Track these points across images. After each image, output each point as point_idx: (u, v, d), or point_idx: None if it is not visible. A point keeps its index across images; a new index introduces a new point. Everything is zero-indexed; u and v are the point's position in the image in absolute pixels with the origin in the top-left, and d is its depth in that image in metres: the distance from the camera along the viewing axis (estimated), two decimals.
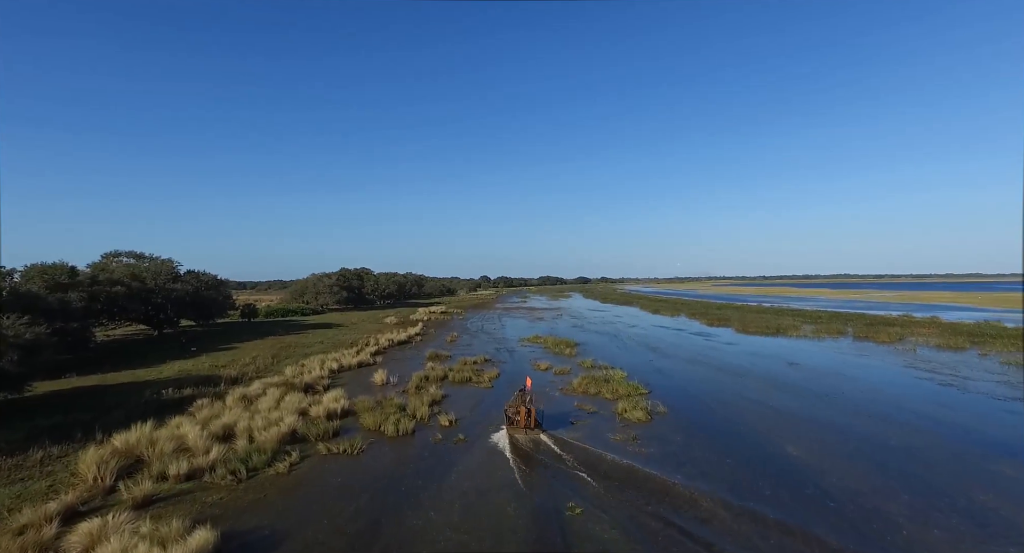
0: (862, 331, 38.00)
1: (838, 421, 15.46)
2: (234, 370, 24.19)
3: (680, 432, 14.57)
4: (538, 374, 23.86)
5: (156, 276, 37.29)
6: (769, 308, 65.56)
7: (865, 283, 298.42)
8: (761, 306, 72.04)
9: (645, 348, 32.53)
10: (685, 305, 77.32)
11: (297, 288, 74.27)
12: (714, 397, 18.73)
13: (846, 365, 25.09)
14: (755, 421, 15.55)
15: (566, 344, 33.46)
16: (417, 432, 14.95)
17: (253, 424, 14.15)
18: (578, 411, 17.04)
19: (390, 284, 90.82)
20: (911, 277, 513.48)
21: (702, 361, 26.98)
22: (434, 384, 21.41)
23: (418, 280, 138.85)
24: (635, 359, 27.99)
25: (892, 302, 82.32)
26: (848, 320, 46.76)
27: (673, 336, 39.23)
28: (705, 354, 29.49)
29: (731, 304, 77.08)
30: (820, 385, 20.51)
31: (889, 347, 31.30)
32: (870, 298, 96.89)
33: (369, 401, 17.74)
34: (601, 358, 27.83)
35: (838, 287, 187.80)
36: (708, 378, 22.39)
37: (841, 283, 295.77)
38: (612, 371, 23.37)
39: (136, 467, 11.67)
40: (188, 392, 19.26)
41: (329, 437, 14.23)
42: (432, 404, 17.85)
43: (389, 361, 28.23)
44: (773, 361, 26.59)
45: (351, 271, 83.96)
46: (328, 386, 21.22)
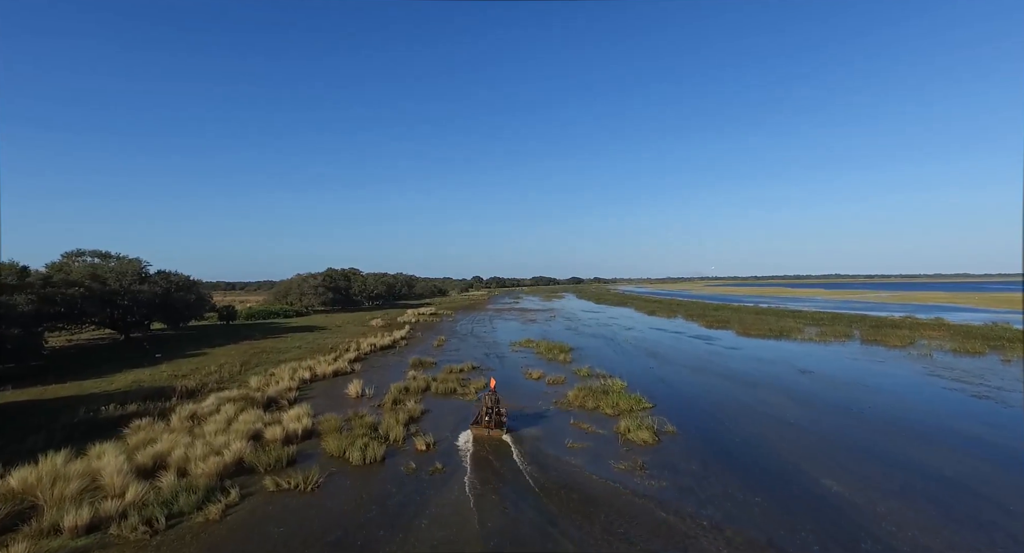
0: (869, 334, 36.33)
1: (874, 444, 13.51)
2: (194, 380, 21.84)
3: (694, 458, 12.53)
4: (530, 384, 21.77)
5: (121, 277, 34.72)
6: (767, 309, 64.02)
7: (857, 283, 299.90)
8: (758, 307, 70.54)
9: (644, 353, 30.56)
10: (681, 306, 75.67)
11: (280, 289, 71.56)
12: (726, 412, 16.73)
13: (863, 373, 23.26)
14: (778, 443, 13.56)
15: (560, 349, 31.40)
16: (388, 459, 12.79)
17: (192, 452, 11.90)
18: (575, 431, 14.96)
19: (379, 285, 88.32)
20: (901, 277, 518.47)
21: (706, 368, 25.03)
22: (414, 397, 19.24)
23: (409, 281, 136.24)
24: (634, 366, 25.99)
25: (889, 303, 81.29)
26: (851, 322, 45.18)
27: (672, 340, 37.34)
28: (708, 360, 27.56)
29: (728, 305, 75.54)
30: (841, 397, 18.60)
31: (902, 351, 29.58)
32: (866, 298, 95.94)
33: (337, 419, 15.54)
34: (598, 365, 25.81)
35: (832, 287, 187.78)
36: (716, 389, 20.42)
37: (834, 283, 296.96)
38: (611, 381, 21.35)
39: (29, 514, 9.40)
40: (132, 409, 16.92)
41: (282, 467, 12.03)
42: (409, 422, 15.70)
43: (368, 369, 26.00)
44: (783, 368, 24.70)
45: (338, 271, 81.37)
46: (295, 400, 18.98)
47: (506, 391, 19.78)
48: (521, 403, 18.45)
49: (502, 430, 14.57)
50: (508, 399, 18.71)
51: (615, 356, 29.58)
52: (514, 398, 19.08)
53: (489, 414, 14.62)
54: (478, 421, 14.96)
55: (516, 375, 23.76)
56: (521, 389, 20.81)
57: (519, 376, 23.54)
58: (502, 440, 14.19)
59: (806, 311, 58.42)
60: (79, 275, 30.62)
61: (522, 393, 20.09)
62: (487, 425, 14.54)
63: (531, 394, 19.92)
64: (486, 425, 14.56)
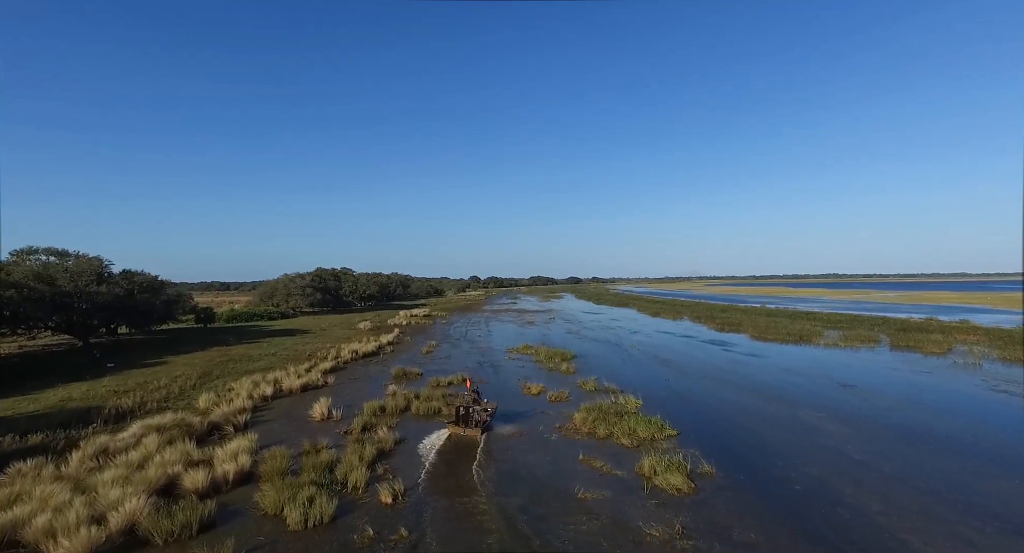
0: (899, 339, 33.26)
1: (980, 494, 10.37)
2: (133, 398, 18.57)
3: (748, 518, 9.38)
4: (528, 402, 18.59)
5: (77, 277, 31.38)
6: (777, 310, 61.00)
7: (856, 283, 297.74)
8: (766, 308, 67.53)
9: (655, 361, 27.42)
10: (685, 307, 72.62)
11: (266, 290, 68.12)
12: (770, 443, 13.59)
13: (914, 388, 20.16)
14: (853, 493, 10.40)
15: (561, 357, 28.24)
16: (340, 518, 9.59)
17: (62, 519, 8.65)
18: (586, 473, 11.78)
19: (371, 285, 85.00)
20: (899, 277, 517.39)
21: (730, 381, 21.91)
22: (390, 420, 16.04)
23: (404, 281, 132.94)
24: (647, 377, 22.85)
25: (900, 303, 78.44)
26: (871, 324, 42.15)
27: (683, 345, 34.22)
28: (730, 370, 24.43)
29: (734, 306, 72.52)
30: (904, 422, 15.48)
31: (943, 359, 26.53)
32: (873, 298, 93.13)
33: (286, 455, 12.33)
34: (605, 376, 22.67)
35: (833, 287, 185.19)
36: (748, 408, 17.27)
37: (833, 283, 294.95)
38: (623, 397, 18.23)
39: None
40: (35, 440, 13.66)
41: (190, 535, 8.84)
42: (377, 459, 12.51)
43: (344, 382, 22.77)
44: (819, 381, 21.59)
45: (327, 271, 78.00)
46: (245, 424, 15.76)
47: (500, 413, 16.61)
48: (519, 427, 15.29)
49: (479, 431, 14.39)
50: (502, 424, 15.57)
51: (623, 365, 26.42)
52: (510, 421, 15.92)
53: (461, 417, 14.67)
54: (456, 421, 14.77)
55: (512, 389, 20.56)
56: (518, 408, 17.63)
57: (516, 391, 20.36)
58: (493, 507, 11.03)
59: (819, 313, 55.40)
60: (21, 275, 27.25)
61: (520, 413, 16.92)
62: (460, 426, 14.58)
63: (530, 415, 16.74)
64: (462, 426, 14.56)
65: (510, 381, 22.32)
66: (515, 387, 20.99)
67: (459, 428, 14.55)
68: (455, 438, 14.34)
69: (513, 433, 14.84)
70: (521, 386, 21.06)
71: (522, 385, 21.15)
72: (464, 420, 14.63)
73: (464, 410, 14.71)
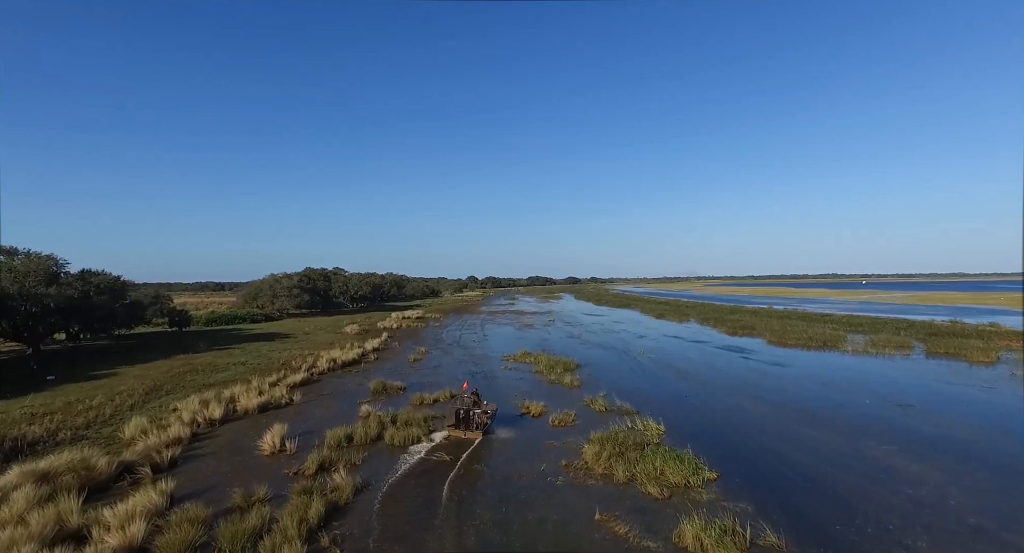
0: (934, 345, 30.21)
1: None
2: (49, 423, 15.35)
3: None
4: (528, 426, 15.46)
5: (23, 278, 28.09)
6: (789, 312, 58.01)
7: (855, 283, 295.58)
8: (774, 309, 64.56)
9: (669, 372, 24.32)
10: (690, 308, 69.59)
11: (250, 291, 64.68)
12: (848, 497, 10.43)
13: (988, 408, 17.08)
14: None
15: (563, 366, 25.14)
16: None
17: None
18: (606, 541, 8.63)
19: (363, 285, 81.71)
20: (897, 277, 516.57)
21: (762, 398, 18.81)
22: (355, 455, 12.89)
23: (398, 281, 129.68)
24: (664, 393, 19.74)
25: (913, 304, 75.59)
26: (897, 328, 39.15)
27: (696, 351, 31.14)
28: (757, 384, 21.35)
29: (740, 307, 69.52)
30: (1004, 460, 12.38)
31: (995, 369, 23.51)
32: (883, 299, 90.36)
33: (199, 518, 9.16)
34: (615, 391, 19.58)
35: (835, 287, 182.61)
36: (795, 438, 14.16)
37: (832, 283, 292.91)
38: (640, 421, 15.17)
39: None
40: None
41: None
42: (323, 523, 9.33)
43: (312, 400, 19.57)
44: (866, 399, 18.50)
45: (316, 271, 74.69)
46: (172, 462, 12.56)
47: (495, 444, 13.50)
48: (518, 467, 12.13)
49: (479, 433, 14.32)
50: (498, 459, 12.42)
51: (634, 377, 23.31)
52: (506, 453, 12.79)
53: (461, 419, 14.46)
54: (456, 424, 14.61)
55: (508, 409, 17.40)
56: (517, 435, 14.53)
57: (513, 411, 17.19)
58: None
59: (834, 315, 52.40)
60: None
61: (518, 443, 13.81)
62: (461, 428, 14.44)
63: (530, 445, 13.61)
64: (463, 430, 14.42)
65: (506, 396, 19.14)
66: (512, 406, 17.82)
67: (459, 431, 14.43)
68: (453, 440, 14.11)
69: (511, 475, 11.68)
70: (519, 405, 17.90)
71: (520, 404, 17.99)
72: (465, 422, 14.42)
73: (464, 412, 14.49)
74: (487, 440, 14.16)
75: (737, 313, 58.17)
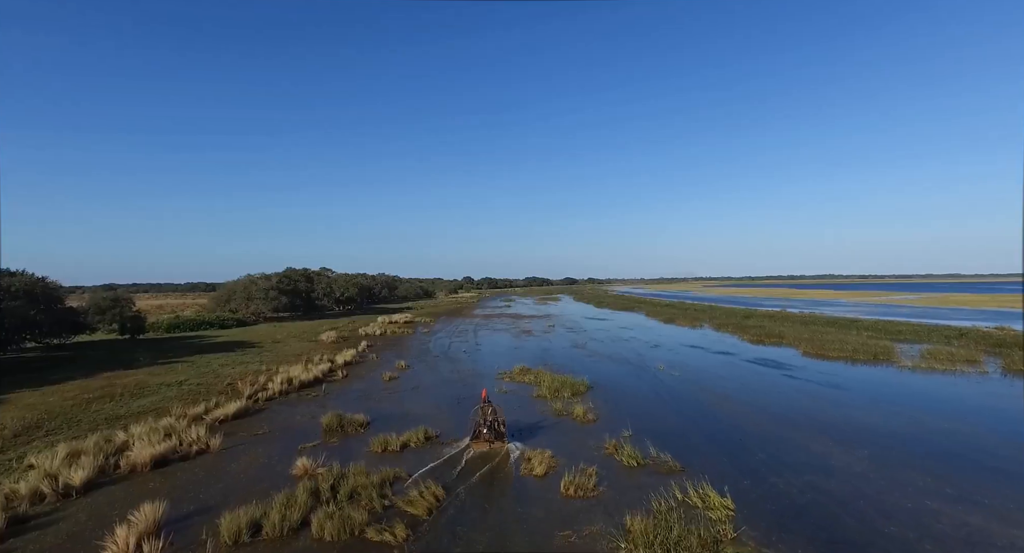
0: (1011, 361, 25.48)
1: None
2: None
3: None
4: (529, 492, 10.52)
5: None
6: (810, 317, 53.39)
7: (854, 284, 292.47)
8: (789, 313, 60.00)
9: (704, 395, 19.51)
10: (700, 311, 64.88)
11: (222, 293, 59.33)
12: None
13: None
14: None
15: (571, 388, 20.33)
16: None
17: None
18: None
19: (349, 287, 76.54)
20: (895, 277, 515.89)
21: (845, 440, 13.98)
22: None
23: (390, 282, 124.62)
24: (708, 431, 14.90)
25: (935, 307, 71.18)
26: (946, 336, 34.50)
27: (725, 366, 26.36)
28: (824, 417, 16.52)
29: (754, 310, 64.82)
30: None
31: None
32: (898, 301, 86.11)
33: None
34: (645, 429, 14.78)
35: (838, 288, 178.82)
36: (958, 529, 9.31)
37: (832, 284, 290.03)
38: (692, 486, 10.38)
39: None
40: None
41: None
42: None
43: (236, 446, 14.54)
44: (994, 441, 13.71)
45: (298, 271, 69.50)
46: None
47: (483, 525, 8.59)
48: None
49: (504, 441, 13.64)
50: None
51: (662, 404, 18.47)
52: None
53: (489, 427, 13.54)
54: (477, 435, 13.66)
55: (502, 462, 12.50)
56: (510, 512, 9.61)
57: (511, 467, 12.28)
58: None
59: (864, 320, 47.75)
60: None
61: (510, 528, 8.89)
62: (487, 438, 13.47)
63: (530, 540, 8.69)
64: (486, 438, 13.47)
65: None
66: (510, 458, 12.93)
67: (483, 443, 13.50)
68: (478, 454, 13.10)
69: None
70: (518, 455, 13.01)
71: (520, 454, 13.09)
72: (491, 429, 13.54)
73: (489, 421, 13.63)
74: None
75: (753, 317, 53.48)
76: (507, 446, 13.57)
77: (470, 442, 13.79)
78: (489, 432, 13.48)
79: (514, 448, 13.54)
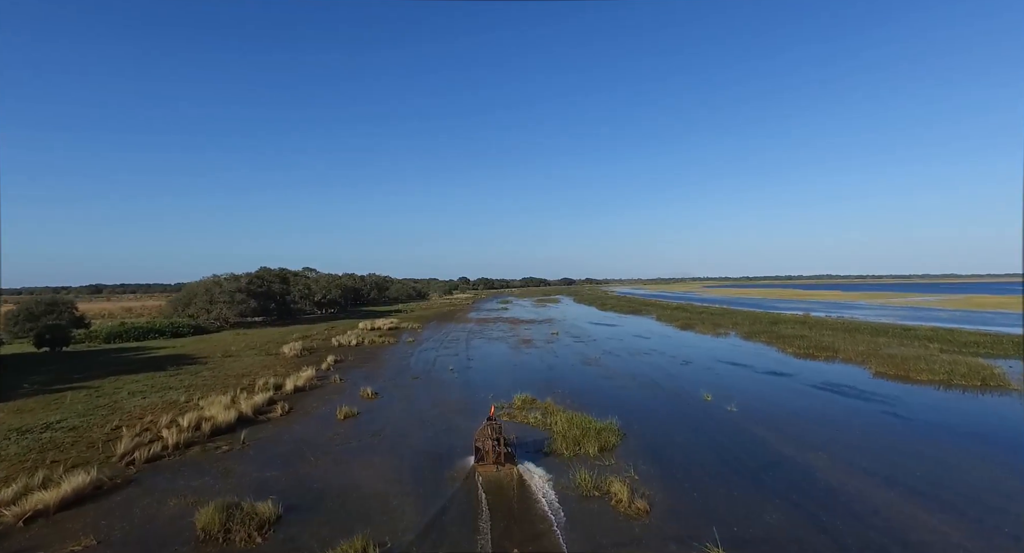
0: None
1: None
2: None
3: None
4: None
5: None
6: (850, 323, 47.39)
7: (852, 284, 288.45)
8: (813, 317, 54.15)
9: (787, 445, 13.28)
10: (717, 315, 58.78)
11: (183, 296, 52.61)
12: None
13: None
14: None
15: (595, 435, 14.12)
16: None
17: None
18: None
19: (331, 288, 69.94)
20: (893, 278, 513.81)
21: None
22: None
23: (380, 282, 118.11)
24: (834, 532, 8.60)
25: (967, 310, 65.47)
26: (1015, 345, 28.51)
27: (788, 395, 20.19)
28: (1010, 490, 10.32)
29: (780, 316, 58.76)
30: None
31: None
32: (922, 304, 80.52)
33: None
34: (728, 525, 8.41)
35: (845, 289, 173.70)
36: None
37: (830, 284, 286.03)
38: None
39: None
40: None
41: None
42: None
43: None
44: None
45: (273, 271, 62.88)
46: None
47: None
48: None
49: (514, 463, 12.16)
50: None
51: (733, 465, 12.19)
52: None
53: (494, 447, 11.97)
54: (482, 458, 12.10)
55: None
56: None
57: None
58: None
59: (917, 327, 41.68)
60: None
61: None
62: (495, 460, 11.99)
63: None
64: (493, 461, 11.99)
65: (500, 543, 7.99)
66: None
67: (490, 466, 11.92)
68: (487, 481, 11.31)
69: None
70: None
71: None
72: (496, 446, 11.97)
73: (495, 442, 12.01)
74: None
75: (781, 323, 47.47)
76: (517, 469, 11.99)
77: (475, 464, 12.36)
78: (493, 453, 11.99)
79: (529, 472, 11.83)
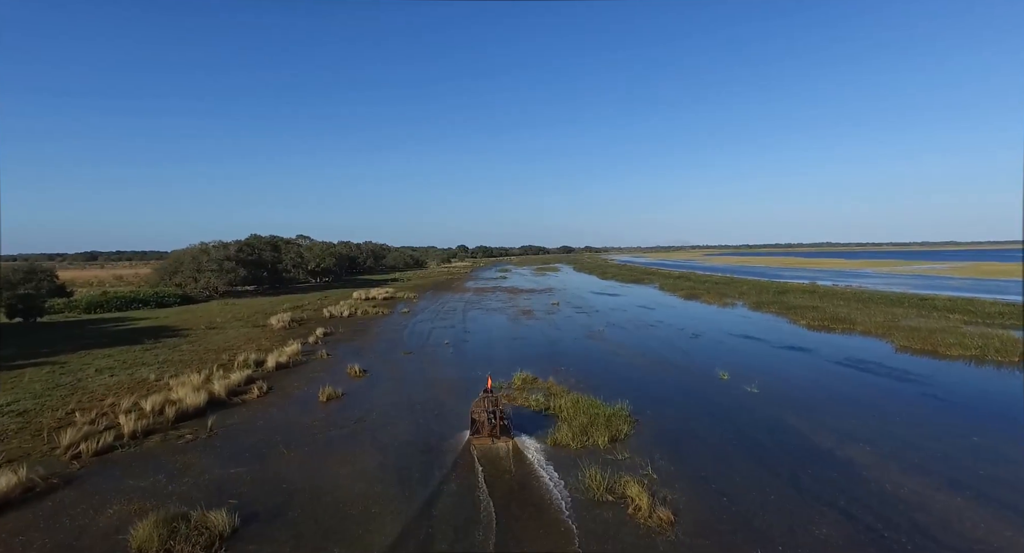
0: None
1: None
2: None
3: None
4: None
5: None
6: (861, 293, 45.69)
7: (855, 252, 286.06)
8: (821, 286, 52.46)
9: (819, 434, 11.72)
10: (722, 284, 57.06)
11: (168, 265, 50.61)
12: None
13: None
14: None
15: (604, 422, 12.50)
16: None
17: None
18: None
19: (325, 256, 67.88)
20: (892, 245, 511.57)
21: None
22: None
23: (377, 251, 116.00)
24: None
25: (979, 278, 63.71)
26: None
27: (810, 372, 18.63)
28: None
29: (787, 285, 56.97)
30: None
31: None
32: (930, 272, 78.85)
33: None
34: (767, 541, 6.83)
35: (848, 257, 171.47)
36: None
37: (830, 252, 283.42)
38: None
39: None
40: None
41: None
42: None
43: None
44: None
45: (264, 239, 60.66)
46: None
47: None
48: None
49: (509, 437, 11.89)
50: None
51: (763, 459, 10.62)
52: None
53: (491, 419, 11.78)
54: (478, 430, 11.88)
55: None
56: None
57: None
58: None
59: (935, 297, 39.91)
60: None
61: None
62: (490, 432, 11.75)
63: None
64: (489, 432, 11.75)
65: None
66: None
67: (487, 438, 11.70)
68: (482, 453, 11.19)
69: None
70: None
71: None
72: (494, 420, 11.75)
73: (492, 413, 11.78)
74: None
75: (788, 293, 45.76)
76: (514, 442, 11.80)
77: (470, 437, 12.04)
78: (492, 425, 11.78)
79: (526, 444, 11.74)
